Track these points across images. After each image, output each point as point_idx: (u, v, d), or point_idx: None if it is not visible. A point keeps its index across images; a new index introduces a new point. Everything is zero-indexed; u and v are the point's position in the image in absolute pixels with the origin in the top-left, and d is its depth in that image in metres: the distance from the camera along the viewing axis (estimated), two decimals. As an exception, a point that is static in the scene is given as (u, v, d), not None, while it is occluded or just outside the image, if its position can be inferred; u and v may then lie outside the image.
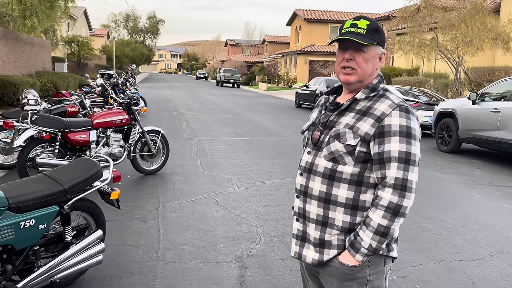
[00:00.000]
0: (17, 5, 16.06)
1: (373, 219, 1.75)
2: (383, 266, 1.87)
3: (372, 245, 1.75)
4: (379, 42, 1.86)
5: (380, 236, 1.75)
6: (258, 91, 37.36)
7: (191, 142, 10.14)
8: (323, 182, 1.85)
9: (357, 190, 1.81)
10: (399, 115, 1.76)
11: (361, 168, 1.80)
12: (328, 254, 1.86)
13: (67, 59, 31.69)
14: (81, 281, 3.51)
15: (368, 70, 1.86)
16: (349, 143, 1.80)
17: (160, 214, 5.22)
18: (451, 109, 10.22)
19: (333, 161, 1.83)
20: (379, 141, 1.76)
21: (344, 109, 1.89)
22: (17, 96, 13.76)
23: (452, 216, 5.57)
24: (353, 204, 1.82)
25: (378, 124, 1.77)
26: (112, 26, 69.12)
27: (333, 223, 1.85)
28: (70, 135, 5.90)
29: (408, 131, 1.75)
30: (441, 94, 17.60)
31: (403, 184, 1.73)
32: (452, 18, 16.84)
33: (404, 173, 1.73)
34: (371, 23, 1.85)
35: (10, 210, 2.77)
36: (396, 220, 1.74)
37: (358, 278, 1.83)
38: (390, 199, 1.73)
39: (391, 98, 1.82)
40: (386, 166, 1.75)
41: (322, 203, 1.85)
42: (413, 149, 1.75)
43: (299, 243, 1.96)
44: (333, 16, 44.34)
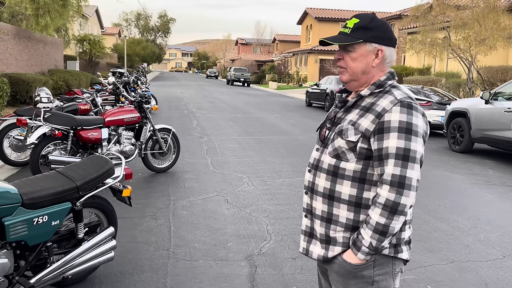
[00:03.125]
0: (30, 3, 16.22)
1: (372, 217, 1.73)
2: (391, 268, 1.84)
3: (372, 244, 1.73)
4: (366, 39, 1.82)
5: (379, 235, 1.72)
6: (268, 90, 37.34)
7: (201, 140, 10.16)
8: (327, 178, 1.85)
9: (360, 187, 1.80)
10: (400, 111, 1.73)
11: (363, 165, 1.79)
12: (333, 251, 1.86)
13: (79, 57, 31.93)
14: (92, 277, 3.54)
15: (357, 69, 1.85)
16: (350, 139, 1.79)
17: (171, 211, 5.24)
18: (464, 109, 10.13)
19: (336, 158, 1.83)
20: (378, 137, 1.74)
21: (351, 106, 1.88)
22: (29, 94, 13.90)
23: (464, 216, 5.52)
24: (356, 201, 1.81)
25: (378, 120, 1.75)
26: (124, 24, 69.53)
27: (337, 219, 1.84)
28: (82, 133, 5.94)
29: (408, 127, 1.71)
30: (453, 94, 17.45)
31: (400, 181, 1.69)
32: (465, 17, 16.68)
33: (402, 169, 1.69)
34: (361, 20, 1.84)
35: (23, 206, 2.80)
36: (395, 218, 1.70)
37: (363, 277, 1.81)
38: (387, 196, 1.70)
39: (395, 94, 1.79)
40: (384, 163, 1.72)
41: (327, 200, 1.86)
42: (412, 146, 1.70)
43: (307, 239, 1.98)
44: (344, 14, 44.16)
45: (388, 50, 1.86)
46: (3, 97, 11.66)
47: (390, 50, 1.87)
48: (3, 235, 2.73)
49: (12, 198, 2.74)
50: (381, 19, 1.89)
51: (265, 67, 52.93)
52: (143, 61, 49.64)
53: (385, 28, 1.86)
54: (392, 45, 1.87)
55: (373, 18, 1.86)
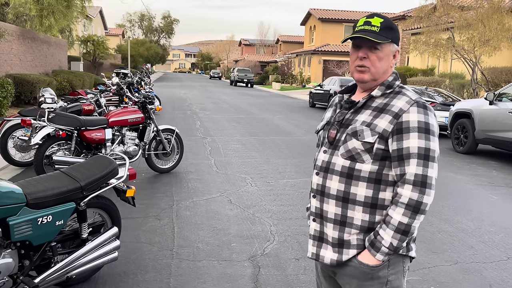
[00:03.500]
0: (34, 4, 16.29)
1: (393, 217, 1.73)
2: (401, 266, 1.85)
3: (393, 244, 1.73)
4: (393, 39, 1.84)
5: (401, 235, 1.73)
6: (272, 90, 37.34)
7: (205, 141, 10.17)
8: (341, 181, 1.82)
9: (376, 188, 1.79)
10: (417, 111, 1.75)
11: (379, 165, 1.78)
12: (347, 254, 1.84)
13: (83, 58, 32.03)
14: (96, 277, 3.55)
15: (381, 69, 1.85)
16: (367, 141, 1.78)
17: (174, 212, 5.24)
18: (468, 110, 10.10)
19: (350, 159, 1.81)
20: (398, 137, 1.75)
21: (360, 106, 1.87)
22: (34, 95, 13.95)
23: (468, 217, 5.51)
24: (372, 202, 1.80)
25: (396, 121, 1.75)
26: (127, 25, 69.74)
27: (352, 222, 1.82)
28: (86, 133, 5.96)
29: (427, 127, 1.73)
30: (457, 95, 17.41)
31: (423, 181, 1.71)
32: (469, 18, 16.63)
33: (424, 169, 1.71)
34: (385, 20, 1.84)
35: (28, 206, 2.81)
36: (417, 217, 1.73)
37: (378, 278, 1.81)
38: (410, 196, 1.71)
39: (409, 95, 1.81)
40: (405, 163, 1.73)
41: (341, 202, 1.83)
42: (432, 145, 1.73)
43: (317, 243, 1.93)
44: (347, 15, 44.12)
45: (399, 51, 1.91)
46: (8, 98, 11.71)
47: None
48: (7, 235, 2.74)
49: (17, 198, 2.75)
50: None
51: (268, 68, 52.95)
52: (147, 62, 49.80)
53: (398, 30, 1.89)
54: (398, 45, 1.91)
55: (389, 19, 1.87)
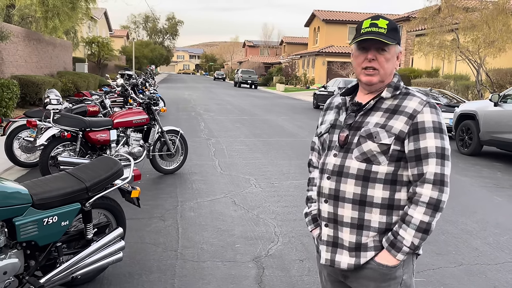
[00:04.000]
0: (39, 6, 16.37)
1: (414, 216, 1.74)
2: (412, 264, 1.87)
3: (414, 243, 1.75)
4: (398, 41, 1.87)
5: (422, 233, 1.75)
6: (276, 92, 37.34)
7: (209, 142, 10.19)
8: (357, 184, 1.81)
9: (392, 189, 1.80)
10: (430, 111, 1.79)
11: (395, 166, 1.80)
12: (365, 257, 1.83)
13: (88, 59, 32.18)
14: (101, 278, 3.56)
15: (389, 70, 1.86)
16: (383, 142, 1.78)
17: (179, 213, 5.26)
18: (472, 111, 10.07)
19: (366, 162, 1.80)
20: (414, 138, 1.77)
21: (370, 108, 1.87)
22: (39, 96, 14.02)
23: (473, 219, 5.49)
24: (388, 203, 1.81)
25: (412, 121, 1.78)
26: (132, 27, 70.00)
27: (369, 225, 1.82)
28: (91, 134, 5.98)
29: (440, 126, 1.78)
30: (461, 96, 17.36)
31: (441, 179, 1.75)
32: (473, 19, 16.59)
33: (442, 168, 1.76)
34: (390, 22, 1.84)
35: (34, 206, 2.83)
36: (437, 215, 1.75)
37: (395, 278, 1.82)
38: (431, 195, 1.74)
39: (418, 95, 1.84)
40: (424, 163, 1.76)
41: (357, 206, 1.81)
42: (446, 144, 1.79)
43: (331, 249, 1.90)
44: (351, 17, 44.10)
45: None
46: (13, 99, 11.77)
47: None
48: (13, 235, 2.76)
49: (23, 198, 2.77)
50: None
51: (272, 69, 52.97)
52: (151, 63, 49.90)
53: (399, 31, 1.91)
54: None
55: (393, 21, 1.88)
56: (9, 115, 11.40)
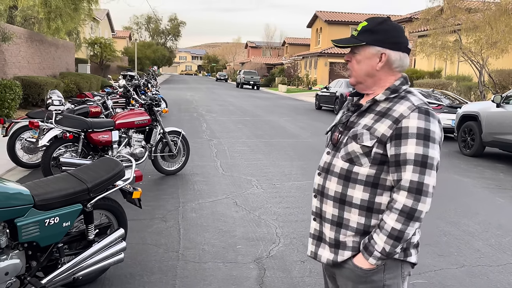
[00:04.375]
0: (42, 7, 16.42)
1: (387, 222, 1.73)
2: (400, 271, 1.84)
3: (385, 249, 1.73)
4: (370, 42, 1.82)
5: (393, 240, 1.71)
6: (278, 93, 37.35)
7: (211, 143, 10.20)
8: (339, 182, 1.84)
9: (373, 192, 1.79)
10: (418, 117, 1.72)
11: (377, 170, 1.78)
12: (342, 255, 1.85)
13: (90, 60, 32.24)
14: (102, 279, 3.57)
15: (361, 71, 1.86)
16: (365, 144, 1.78)
17: (180, 214, 5.26)
18: (475, 112, 10.05)
19: (349, 162, 1.82)
20: (396, 143, 1.73)
21: (364, 110, 1.87)
22: (41, 97, 14.05)
23: (475, 220, 5.48)
24: (368, 206, 1.80)
25: (396, 126, 1.74)
26: (134, 28, 70.05)
27: (348, 224, 1.83)
28: (93, 135, 6.00)
29: (426, 133, 1.71)
30: (464, 97, 17.33)
31: (418, 188, 1.69)
32: (476, 20, 16.57)
33: (420, 176, 1.69)
34: (368, 24, 1.85)
35: (35, 207, 2.83)
36: (411, 224, 1.70)
37: (373, 282, 1.81)
38: (405, 202, 1.70)
39: (411, 100, 1.78)
40: (402, 169, 1.72)
41: (338, 204, 1.85)
42: (430, 152, 1.70)
43: (315, 242, 1.97)
44: (354, 18, 44.08)
45: (394, 54, 1.83)
46: (16, 100, 11.80)
47: (398, 54, 1.83)
48: (15, 236, 2.77)
49: (25, 199, 2.77)
50: (393, 23, 1.86)
51: (274, 70, 52.98)
52: (154, 64, 49.97)
53: (393, 33, 1.83)
54: (400, 49, 1.83)
55: (382, 21, 1.85)
56: (11, 116, 11.43)
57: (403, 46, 1.84)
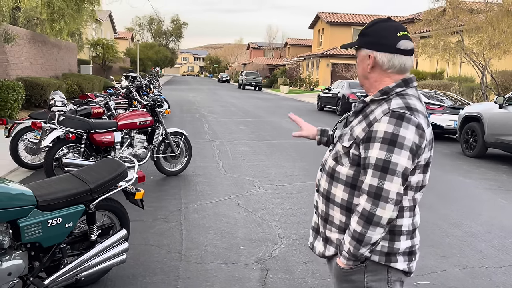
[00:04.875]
0: (45, 8, 16.45)
1: (351, 224, 1.74)
2: (385, 275, 1.82)
3: (350, 250, 1.74)
4: (361, 44, 1.86)
5: (355, 242, 1.71)
6: (280, 94, 37.35)
7: (213, 144, 10.20)
8: (327, 180, 1.91)
9: (351, 193, 1.81)
10: (388, 121, 1.68)
11: (355, 171, 1.79)
12: (329, 250, 1.93)
13: (92, 61, 32.30)
14: (105, 279, 3.57)
15: (359, 73, 1.94)
16: (344, 144, 1.83)
17: (183, 215, 5.26)
18: (477, 113, 10.04)
19: (335, 161, 1.88)
20: (365, 146, 1.73)
21: (358, 111, 1.88)
22: (44, 98, 14.08)
23: (478, 221, 5.47)
24: (347, 206, 1.82)
25: (368, 129, 1.74)
26: (136, 29, 70.12)
27: (333, 220, 1.90)
28: (96, 136, 6.00)
29: (393, 138, 1.66)
30: (466, 98, 17.31)
31: (377, 193, 1.66)
32: (478, 21, 16.54)
33: (380, 181, 1.66)
34: (365, 26, 1.91)
35: (38, 208, 2.84)
36: (371, 228, 1.67)
37: (353, 282, 1.83)
38: (364, 206, 1.69)
39: (392, 103, 1.74)
40: (366, 172, 1.72)
41: (325, 200, 1.92)
42: (394, 158, 1.65)
43: (314, 234, 2.05)
44: (356, 19, 44.07)
45: (382, 55, 1.80)
46: (18, 101, 11.82)
47: (385, 55, 1.80)
48: (18, 237, 2.78)
49: (27, 200, 2.78)
50: (385, 24, 1.82)
51: (276, 71, 53.00)
52: (156, 65, 50.00)
53: (381, 33, 1.80)
54: (386, 50, 1.79)
55: (374, 23, 1.86)
56: (14, 117, 11.45)
57: (390, 47, 1.79)
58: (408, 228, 1.82)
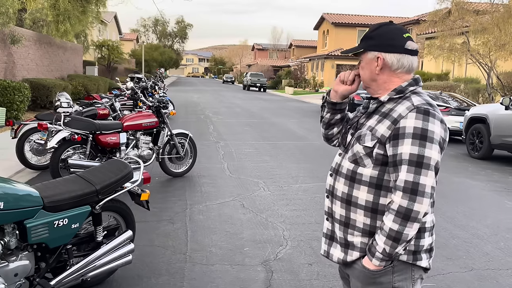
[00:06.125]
0: (51, 10, 16.54)
1: (385, 223, 1.73)
2: (410, 274, 1.83)
3: (386, 250, 1.73)
4: (367, 47, 1.88)
5: (392, 241, 1.71)
6: (285, 95, 37.34)
7: (218, 145, 10.21)
8: (346, 183, 1.88)
9: (377, 193, 1.80)
10: (415, 117, 1.72)
11: (379, 171, 1.80)
12: (351, 255, 1.88)
13: (98, 63, 32.40)
14: (111, 280, 3.58)
15: (365, 76, 1.92)
16: (366, 145, 1.81)
17: (188, 216, 5.27)
18: (483, 115, 9.99)
19: (354, 163, 1.86)
20: (393, 143, 1.74)
21: (372, 112, 1.90)
22: (50, 99, 14.14)
23: (484, 223, 5.44)
24: (372, 207, 1.81)
25: (394, 126, 1.76)
26: (141, 30, 70.26)
27: (355, 224, 1.86)
28: (101, 137, 6.02)
29: (423, 133, 1.70)
30: (472, 99, 17.23)
31: (413, 188, 1.68)
32: (484, 22, 16.48)
33: (415, 176, 1.68)
34: (367, 30, 1.93)
35: (44, 209, 2.85)
36: (408, 225, 1.69)
37: (381, 283, 1.82)
38: (400, 203, 1.69)
39: (413, 100, 1.78)
40: (398, 169, 1.72)
41: (345, 204, 1.88)
42: (427, 152, 1.69)
43: (328, 241, 2.01)
44: (361, 20, 44.00)
45: (391, 56, 1.84)
46: (24, 102, 11.88)
47: (394, 56, 1.84)
48: (24, 237, 2.79)
49: (34, 201, 2.79)
50: (389, 27, 1.88)
51: (281, 72, 52.98)
52: (161, 66, 50.13)
53: (387, 35, 1.85)
54: (395, 51, 1.83)
55: (378, 27, 1.89)
56: (20, 118, 11.51)
57: (399, 47, 1.84)
58: (431, 224, 1.86)
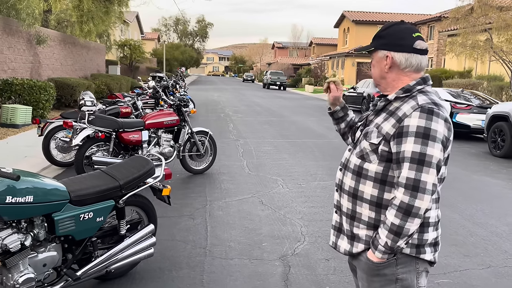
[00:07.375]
0: (75, 11, 16.89)
1: (388, 217, 1.80)
2: (414, 266, 1.90)
3: (388, 243, 1.80)
4: (377, 46, 1.95)
5: (393, 235, 1.78)
6: (305, 93, 37.27)
7: (237, 143, 10.31)
8: (353, 178, 1.96)
9: (381, 188, 1.88)
10: (419, 116, 1.77)
11: (384, 167, 1.87)
12: (356, 247, 1.97)
13: (120, 62, 32.86)
14: (133, 272, 3.71)
15: (376, 74, 2.00)
16: (372, 142, 1.89)
17: (208, 212, 5.38)
18: (505, 113, 9.86)
19: (361, 159, 1.94)
20: (397, 141, 1.81)
21: (380, 109, 1.97)
22: (74, 98, 14.45)
23: (503, 222, 5.41)
24: (377, 201, 1.89)
25: (398, 125, 1.82)
26: (163, 30, 70.86)
27: (360, 217, 1.94)
28: (124, 135, 6.18)
29: (426, 132, 1.75)
30: (495, 97, 16.96)
31: (414, 185, 1.74)
32: (508, 18, 16.20)
33: (417, 173, 1.74)
34: (379, 30, 2.00)
35: (71, 203, 2.99)
36: (409, 220, 1.75)
37: (385, 275, 1.89)
38: (402, 198, 1.76)
39: (418, 99, 1.83)
40: (401, 166, 1.79)
41: (351, 198, 1.97)
42: (429, 150, 1.74)
43: (336, 233, 2.10)
44: (381, 17, 43.59)
45: (400, 55, 1.90)
46: (50, 101, 12.19)
47: (402, 55, 1.90)
48: (52, 230, 2.93)
49: (61, 195, 2.93)
50: (400, 27, 1.94)
51: (301, 71, 52.84)
52: (182, 65, 50.47)
53: (397, 35, 1.91)
54: (403, 50, 1.89)
55: (388, 26, 1.95)
56: (46, 116, 11.81)
57: (407, 47, 1.89)
58: (435, 219, 1.91)
